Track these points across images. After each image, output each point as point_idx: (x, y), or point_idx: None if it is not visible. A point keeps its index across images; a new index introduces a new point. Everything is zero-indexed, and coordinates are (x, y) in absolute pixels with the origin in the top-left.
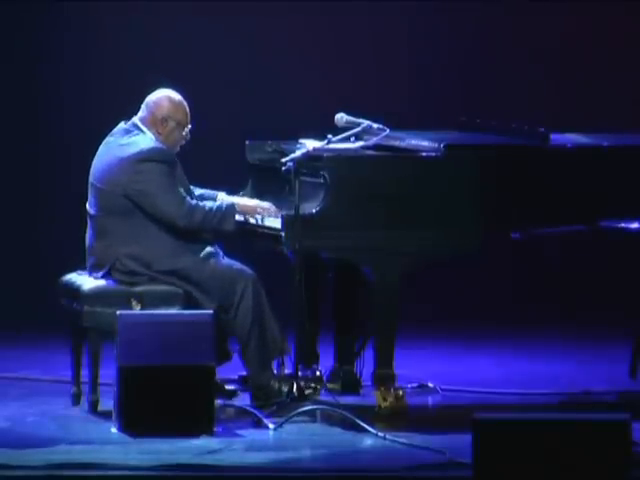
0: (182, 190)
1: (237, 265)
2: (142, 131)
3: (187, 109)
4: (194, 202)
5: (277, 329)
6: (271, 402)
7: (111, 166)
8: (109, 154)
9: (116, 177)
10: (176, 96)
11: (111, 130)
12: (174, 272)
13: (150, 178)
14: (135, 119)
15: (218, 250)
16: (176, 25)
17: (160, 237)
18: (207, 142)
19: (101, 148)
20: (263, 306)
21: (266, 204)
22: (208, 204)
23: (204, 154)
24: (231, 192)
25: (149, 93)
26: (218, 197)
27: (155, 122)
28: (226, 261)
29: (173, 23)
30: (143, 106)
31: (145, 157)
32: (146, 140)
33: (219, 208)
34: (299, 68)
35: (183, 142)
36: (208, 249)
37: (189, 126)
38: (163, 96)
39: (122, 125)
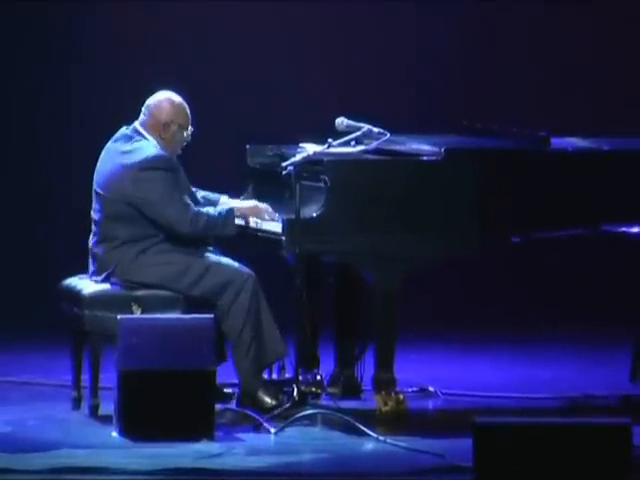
0: (185, 197)
1: (237, 264)
2: (144, 136)
3: (188, 111)
4: (196, 209)
5: (276, 333)
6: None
7: (115, 174)
8: (112, 161)
9: (120, 185)
10: (176, 98)
11: (112, 135)
12: (170, 252)
13: (154, 186)
14: (136, 124)
15: (216, 250)
16: (176, 29)
17: (163, 239)
18: (208, 146)
19: (103, 154)
20: (260, 308)
21: (263, 205)
22: (209, 210)
23: (205, 158)
24: (232, 196)
25: (149, 96)
26: (221, 201)
27: (157, 127)
28: (226, 259)
29: (173, 27)
30: (144, 109)
31: (149, 165)
32: (149, 147)
33: (220, 214)
34: (299, 72)
35: (185, 144)
36: (209, 249)
37: (190, 128)
38: (164, 99)
39: (124, 130)
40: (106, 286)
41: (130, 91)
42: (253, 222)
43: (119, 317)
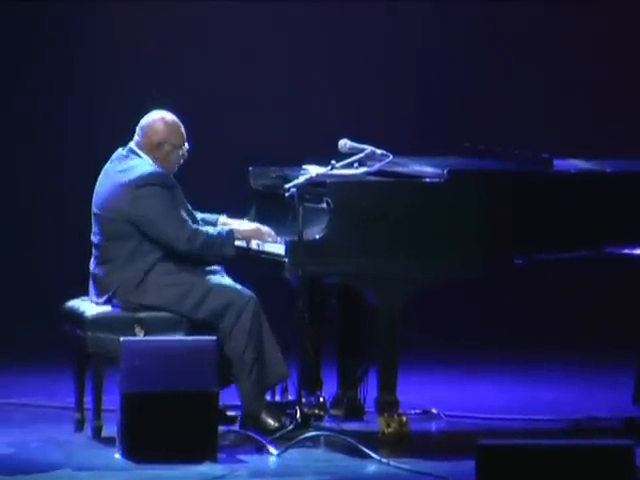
0: (183, 214)
1: (238, 286)
2: (139, 156)
3: (182, 129)
4: (195, 227)
5: (278, 355)
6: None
7: (112, 193)
8: (109, 181)
9: (117, 203)
10: (170, 118)
11: (111, 147)
12: (172, 274)
13: (150, 203)
14: (131, 144)
15: (221, 270)
16: (177, 50)
17: (163, 258)
18: (210, 168)
19: (101, 176)
20: (262, 331)
21: (265, 228)
22: (209, 230)
23: (207, 180)
24: (230, 215)
25: (146, 115)
26: (219, 220)
27: (151, 147)
28: (228, 281)
29: (174, 48)
30: (138, 130)
31: (145, 182)
32: (144, 165)
33: (219, 234)
34: (302, 94)
35: (181, 161)
36: (211, 268)
37: (186, 145)
38: (157, 119)
39: (120, 151)
40: (109, 308)
41: (131, 114)
42: (255, 244)
43: (122, 339)
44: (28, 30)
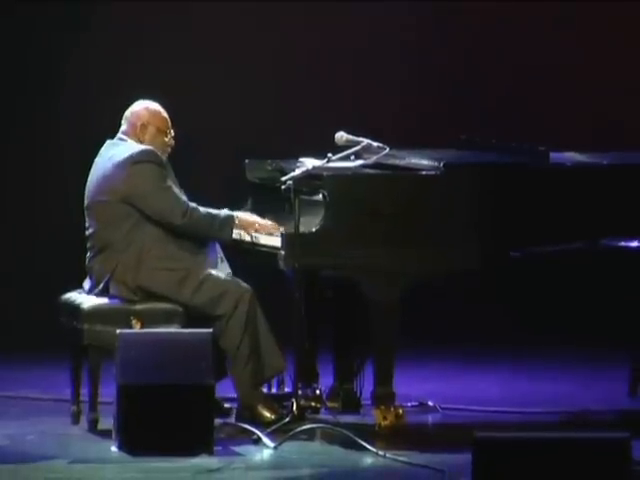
0: (178, 190)
1: (235, 278)
2: (126, 141)
3: (165, 115)
4: (193, 204)
5: (274, 348)
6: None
7: (106, 176)
8: (101, 170)
9: (112, 184)
10: (153, 104)
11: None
12: (169, 258)
13: (145, 179)
14: (118, 134)
15: (219, 253)
16: (174, 43)
17: (160, 239)
18: (206, 161)
19: (92, 169)
20: (258, 323)
21: (265, 221)
22: (207, 210)
23: (203, 173)
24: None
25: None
26: None
27: (136, 131)
28: (226, 271)
29: (171, 42)
30: (123, 120)
31: (136, 159)
32: (133, 145)
33: (218, 216)
34: (299, 86)
35: (169, 149)
36: (211, 256)
37: (171, 132)
38: (140, 106)
39: (107, 142)
40: (105, 300)
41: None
42: (250, 236)
43: (118, 331)
44: (28, 30)
